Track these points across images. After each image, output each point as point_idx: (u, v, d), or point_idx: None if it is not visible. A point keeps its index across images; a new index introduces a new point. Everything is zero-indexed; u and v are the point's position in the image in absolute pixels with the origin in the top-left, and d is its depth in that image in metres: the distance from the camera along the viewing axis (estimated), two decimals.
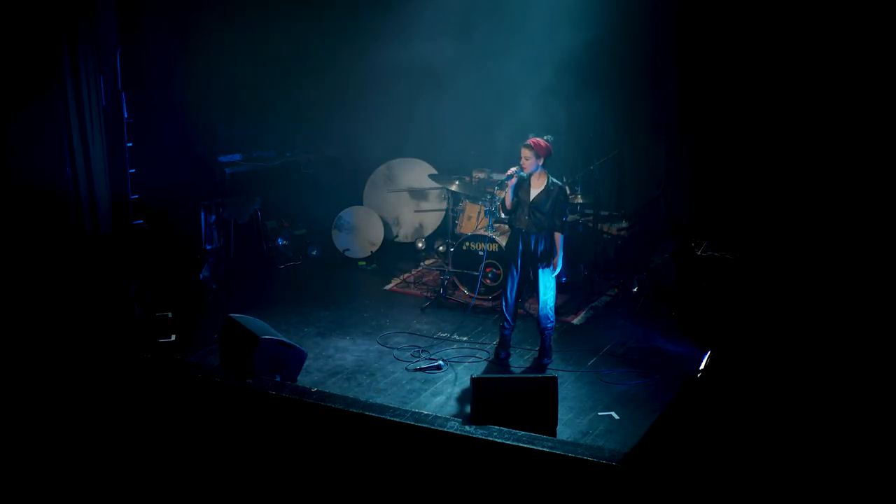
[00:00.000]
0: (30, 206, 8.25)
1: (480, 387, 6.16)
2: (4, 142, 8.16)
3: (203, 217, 10.04)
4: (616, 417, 7.01)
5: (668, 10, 9.64)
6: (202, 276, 9.43)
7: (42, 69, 8.25)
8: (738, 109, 9.05)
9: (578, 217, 9.50)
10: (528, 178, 7.67)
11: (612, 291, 9.52)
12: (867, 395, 5.68)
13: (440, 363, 7.85)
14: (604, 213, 9.82)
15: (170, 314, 8.36)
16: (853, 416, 5.42)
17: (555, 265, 7.71)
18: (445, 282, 9.34)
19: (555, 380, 6.33)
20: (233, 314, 7.24)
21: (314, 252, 10.55)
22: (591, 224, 9.50)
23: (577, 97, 9.83)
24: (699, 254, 8.51)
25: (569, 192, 8.41)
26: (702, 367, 6.01)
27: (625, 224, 9.96)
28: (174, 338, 8.14)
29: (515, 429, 5.64)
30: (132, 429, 6.22)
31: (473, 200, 9.63)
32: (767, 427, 5.33)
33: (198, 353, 7.96)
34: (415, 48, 9.88)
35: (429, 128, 10.78)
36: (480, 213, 9.49)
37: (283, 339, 7.09)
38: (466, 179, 9.73)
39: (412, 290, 9.69)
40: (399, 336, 8.49)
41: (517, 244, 7.77)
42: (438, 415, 6.18)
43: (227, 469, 5.98)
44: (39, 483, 5.91)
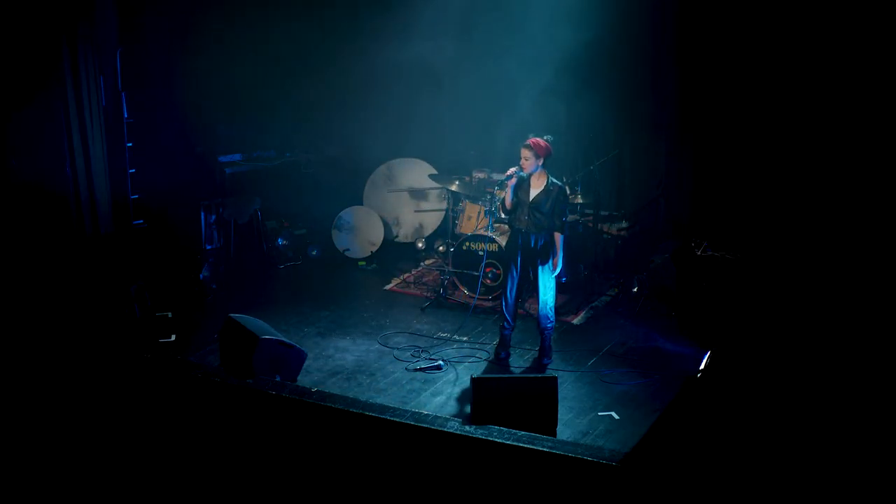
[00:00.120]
0: (30, 206, 8.25)
1: (480, 387, 6.16)
2: (4, 142, 8.16)
3: (203, 217, 10.03)
4: (616, 417, 7.01)
5: (668, 10, 9.64)
6: (202, 276, 9.43)
7: (42, 69, 8.25)
8: (738, 109, 9.05)
9: (578, 217, 9.50)
10: (528, 179, 7.67)
11: (612, 291, 9.52)
12: (867, 395, 5.68)
13: (440, 363, 7.85)
14: (604, 213, 9.82)
15: (170, 314, 8.35)
16: (853, 416, 5.42)
17: (555, 265, 7.71)
18: (445, 282, 9.34)
19: (555, 380, 6.33)
20: (233, 314, 7.24)
21: (314, 252, 10.55)
22: (591, 224, 9.50)
23: (577, 97, 9.83)
24: (699, 254, 8.50)
25: (569, 192, 8.41)
26: (702, 367, 6.02)
27: (625, 224, 9.96)
28: (174, 338, 8.14)
29: (515, 429, 5.64)
30: (132, 429, 6.22)
31: (473, 200, 9.63)
32: (767, 427, 5.33)
33: (198, 353, 7.96)
34: (415, 48, 9.89)
35: (429, 128, 10.78)
36: (480, 213, 9.49)
37: (283, 339, 7.09)
38: (466, 179, 9.73)
39: (412, 290, 9.69)
40: (399, 336, 8.49)
41: (517, 244, 7.77)
42: (438, 415, 6.18)
43: (228, 469, 5.98)
44: (40, 483, 5.91)
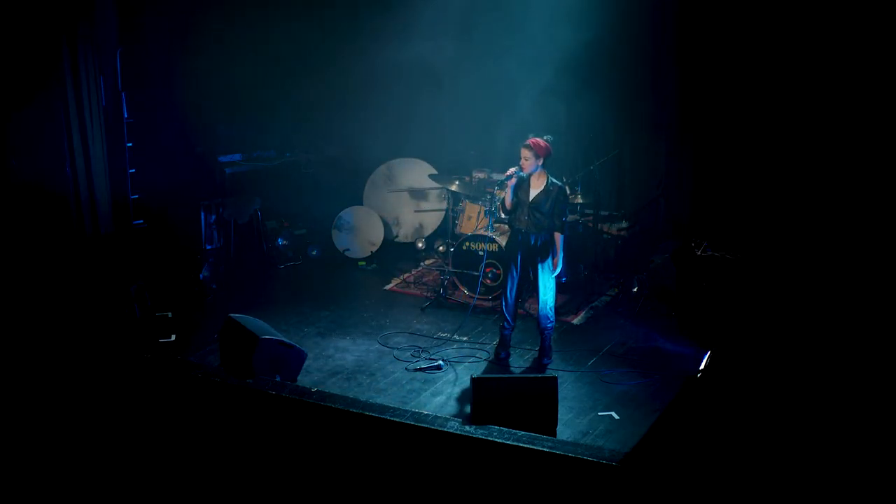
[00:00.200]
0: (30, 206, 8.25)
1: (480, 387, 6.16)
2: (4, 142, 8.16)
3: (203, 217, 10.03)
4: (616, 417, 7.01)
5: (668, 10, 9.64)
6: (202, 276, 9.43)
7: (42, 69, 8.25)
8: (738, 109, 9.05)
9: (578, 217, 9.49)
10: (528, 179, 7.67)
11: (612, 291, 9.52)
12: (867, 395, 5.68)
13: (440, 363, 7.85)
14: (604, 213, 9.82)
15: (170, 314, 8.35)
16: (853, 416, 5.42)
17: (555, 265, 7.71)
18: (445, 282, 9.34)
19: (555, 380, 6.33)
20: (233, 314, 7.24)
21: (314, 252, 10.55)
22: (591, 224, 9.50)
23: (577, 97, 9.83)
24: (699, 254, 8.50)
25: (569, 192, 8.41)
26: (702, 367, 6.02)
27: (625, 224, 9.96)
28: (174, 338, 8.13)
29: (515, 429, 5.64)
30: (132, 429, 6.22)
31: (473, 200, 9.63)
32: (767, 427, 5.33)
33: (198, 353, 7.96)
34: (415, 48, 9.89)
35: (429, 128, 10.77)
36: (480, 213, 9.49)
37: (283, 339, 7.09)
38: (466, 179, 9.73)
39: (412, 290, 9.69)
40: (399, 336, 8.49)
41: (517, 244, 7.77)
42: (438, 415, 6.18)
43: (228, 469, 5.98)
44: (40, 483, 5.91)
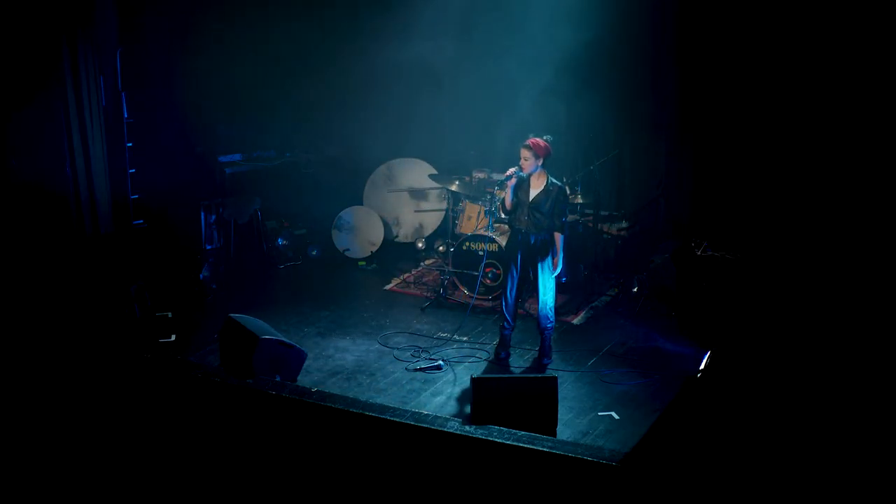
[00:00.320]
0: (30, 206, 8.25)
1: (480, 387, 6.16)
2: (4, 142, 8.16)
3: (203, 217, 10.03)
4: (616, 417, 7.01)
5: (668, 10, 9.63)
6: (202, 276, 9.43)
7: (42, 69, 8.26)
8: (738, 109, 9.05)
9: (578, 217, 9.49)
10: (528, 179, 7.67)
11: (612, 291, 9.52)
12: (867, 395, 5.68)
13: (440, 363, 7.85)
14: (604, 213, 9.82)
15: (170, 314, 8.35)
16: (853, 416, 5.42)
17: (555, 265, 7.71)
18: (445, 282, 9.34)
19: (555, 380, 6.33)
20: (233, 314, 7.24)
21: (314, 252, 10.55)
22: (591, 224, 9.50)
23: (577, 97, 9.83)
24: (699, 254, 8.50)
25: (569, 192, 8.41)
26: (702, 367, 6.02)
27: (625, 224, 9.96)
28: (174, 338, 8.13)
29: (515, 429, 5.63)
30: (132, 429, 6.22)
31: (473, 200, 9.63)
32: (767, 427, 5.33)
33: (198, 353, 7.95)
34: (415, 48, 9.89)
35: (429, 128, 10.77)
36: (480, 213, 9.49)
37: (283, 339, 7.09)
38: (466, 179, 9.73)
39: (412, 290, 9.69)
40: (399, 336, 8.48)
41: (517, 244, 7.77)
42: (438, 415, 6.18)
43: (228, 469, 5.98)
44: (40, 483, 5.91)
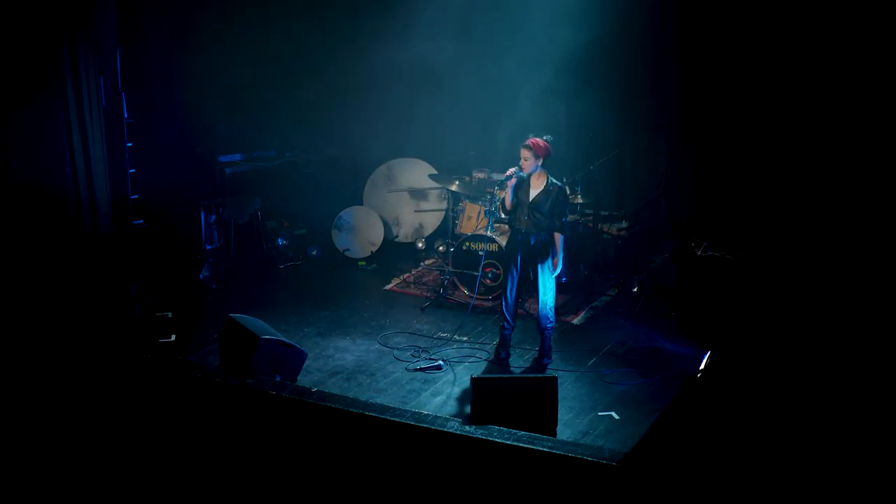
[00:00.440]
0: (30, 206, 8.25)
1: (480, 387, 6.16)
2: (4, 142, 8.16)
3: (203, 217, 10.03)
4: (616, 417, 7.01)
5: (668, 10, 9.63)
6: (202, 276, 9.43)
7: (42, 69, 8.26)
8: (738, 109, 9.05)
9: (578, 217, 9.49)
10: (528, 179, 7.67)
11: (612, 291, 9.52)
12: (867, 395, 5.68)
13: (440, 363, 7.85)
14: (604, 213, 9.82)
15: (170, 314, 8.35)
16: (853, 416, 5.42)
17: (555, 265, 7.71)
18: (445, 282, 9.34)
19: (555, 380, 6.33)
20: (233, 314, 7.24)
21: (314, 252, 10.55)
22: (591, 224, 9.50)
23: (577, 97, 9.83)
24: (699, 254, 8.50)
25: (569, 192, 8.41)
26: (702, 367, 6.02)
27: (625, 224, 9.96)
28: (174, 338, 8.13)
29: (515, 429, 5.63)
30: (132, 429, 6.22)
31: (473, 200, 9.63)
32: (767, 427, 5.33)
33: (198, 353, 7.96)
34: (415, 48, 9.89)
35: (429, 128, 10.77)
36: (480, 213, 9.49)
37: (283, 339, 7.09)
38: (466, 179, 9.73)
39: (412, 290, 9.69)
40: (399, 336, 8.48)
41: (517, 244, 7.77)
42: (438, 415, 6.18)
43: (228, 469, 5.98)
44: (40, 483, 5.91)
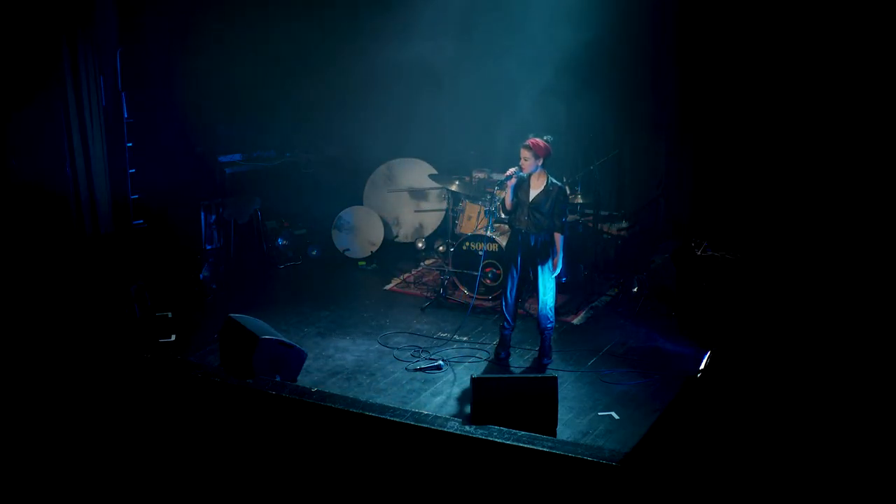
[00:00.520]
0: (30, 206, 8.25)
1: (480, 387, 6.16)
2: (4, 142, 8.16)
3: (203, 217, 10.03)
4: (616, 417, 7.01)
5: (668, 10, 9.64)
6: (202, 276, 9.43)
7: (42, 69, 8.26)
8: (738, 109, 9.05)
9: (578, 217, 9.49)
10: (528, 179, 7.67)
11: (612, 291, 9.52)
12: (867, 395, 5.68)
13: (440, 363, 7.85)
14: (604, 213, 9.82)
15: (170, 314, 8.35)
16: (853, 416, 5.42)
17: (555, 265, 7.71)
18: (445, 282, 9.34)
19: (555, 380, 6.33)
20: (233, 314, 7.24)
21: (314, 252, 10.55)
22: (591, 224, 9.50)
23: (577, 97, 9.83)
24: (699, 254, 8.50)
25: (569, 192, 8.41)
26: (702, 367, 6.02)
27: (625, 224, 9.96)
28: (174, 338, 8.14)
29: (515, 429, 5.64)
30: (132, 429, 6.22)
31: (473, 200, 9.63)
32: (767, 427, 5.33)
33: (198, 353, 7.95)
34: (415, 48, 9.89)
35: (429, 128, 10.77)
36: (480, 213, 9.49)
37: (283, 339, 7.09)
38: (466, 179, 9.73)
39: (412, 290, 9.69)
40: (399, 336, 8.48)
41: (517, 244, 7.77)
42: (438, 415, 6.18)
43: (228, 469, 5.98)
44: (40, 483, 5.91)
